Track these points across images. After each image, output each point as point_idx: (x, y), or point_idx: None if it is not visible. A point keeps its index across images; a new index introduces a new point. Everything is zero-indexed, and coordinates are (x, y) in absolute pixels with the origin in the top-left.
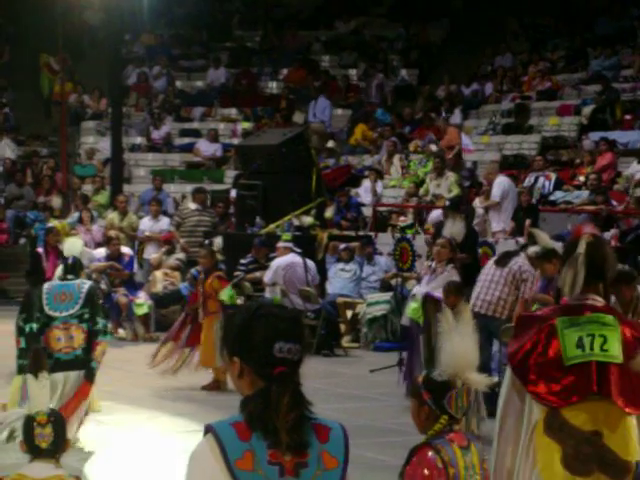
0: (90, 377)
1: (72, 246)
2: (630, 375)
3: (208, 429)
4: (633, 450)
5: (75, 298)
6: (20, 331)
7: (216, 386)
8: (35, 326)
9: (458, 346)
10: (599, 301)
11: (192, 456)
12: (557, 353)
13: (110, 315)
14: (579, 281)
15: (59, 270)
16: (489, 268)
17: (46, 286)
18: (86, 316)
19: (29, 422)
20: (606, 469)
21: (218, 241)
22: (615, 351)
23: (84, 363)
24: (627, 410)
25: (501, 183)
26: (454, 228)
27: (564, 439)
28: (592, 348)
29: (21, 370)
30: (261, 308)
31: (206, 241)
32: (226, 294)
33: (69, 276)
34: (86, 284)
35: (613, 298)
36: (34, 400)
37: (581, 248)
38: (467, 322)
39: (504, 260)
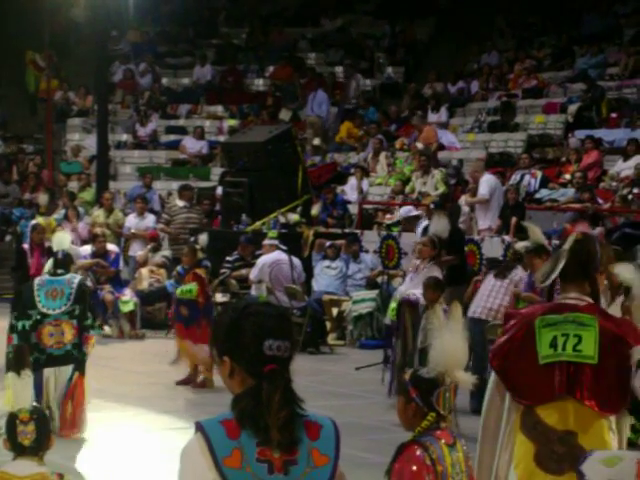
0: (82, 370)
1: (61, 240)
2: (606, 375)
3: (197, 427)
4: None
5: (66, 294)
6: (12, 328)
7: (189, 381)
8: (28, 323)
9: (448, 343)
10: (583, 300)
11: (182, 453)
12: (532, 352)
13: (96, 312)
14: (554, 273)
15: (49, 264)
16: (489, 280)
17: (37, 282)
18: (77, 312)
19: (12, 420)
20: None
21: (203, 237)
22: (589, 351)
23: (74, 357)
24: (601, 412)
25: (488, 181)
26: (438, 225)
27: (538, 437)
28: (564, 348)
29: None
30: (249, 306)
31: (191, 238)
32: (182, 288)
33: (59, 270)
34: (76, 279)
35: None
36: (17, 398)
37: (567, 244)
38: (457, 320)
39: (503, 272)
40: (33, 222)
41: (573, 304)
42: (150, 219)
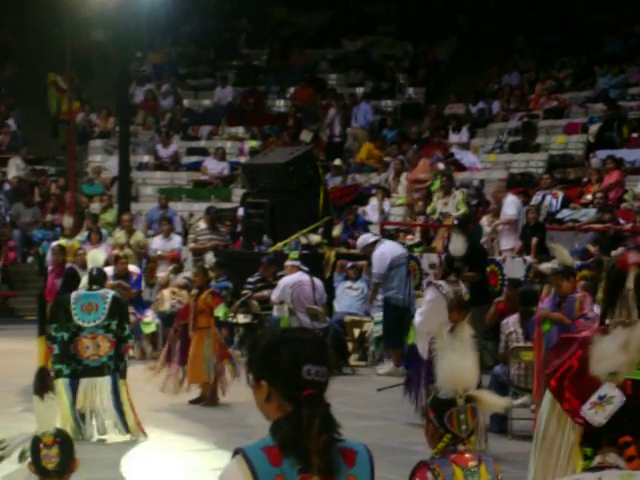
0: (124, 377)
1: (95, 258)
2: None
3: (239, 452)
4: None
5: (101, 309)
6: (52, 339)
7: (202, 399)
8: (66, 335)
9: (454, 364)
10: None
11: (222, 477)
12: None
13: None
14: (633, 316)
15: (84, 280)
16: None
17: (73, 295)
18: (112, 327)
19: (36, 443)
20: None
21: (210, 257)
22: None
23: (110, 369)
24: None
25: (514, 201)
26: (455, 245)
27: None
28: None
29: (58, 375)
30: (287, 332)
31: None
32: (222, 311)
33: (94, 286)
34: (109, 294)
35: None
36: (40, 421)
37: (630, 283)
38: (465, 340)
39: None
40: (53, 244)
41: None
42: (176, 240)
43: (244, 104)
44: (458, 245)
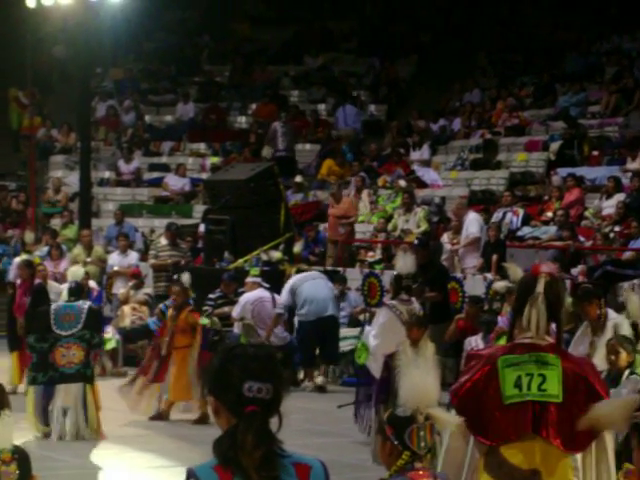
0: (92, 383)
1: (74, 273)
2: (571, 414)
3: (190, 474)
4: None
5: (77, 319)
6: (32, 348)
7: (205, 419)
8: (46, 345)
9: (417, 381)
10: (545, 340)
11: None
12: (496, 392)
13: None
14: (542, 320)
15: (64, 293)
16: None
17: (53, 307)
18: (86, 336)
19: None
20: None
21: (186, 277)
22: (554, 390)
23: (83, 376)
24: (566, 450)
25: (477, 219)
26: (404, 263)
27: (502, 477)
28: (529, 388)
29: (33, 382)
30: (236, 348)
31: (174, 276)
32: (205, 320)
33: (72, 298)
34: (86, 304)
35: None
36: None
37: (540, 287)
38: (428, 357)
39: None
40: (17, 259)
41: (535, 344)
42: (133, 256)
43: (206, 120)
44: (406, 263)
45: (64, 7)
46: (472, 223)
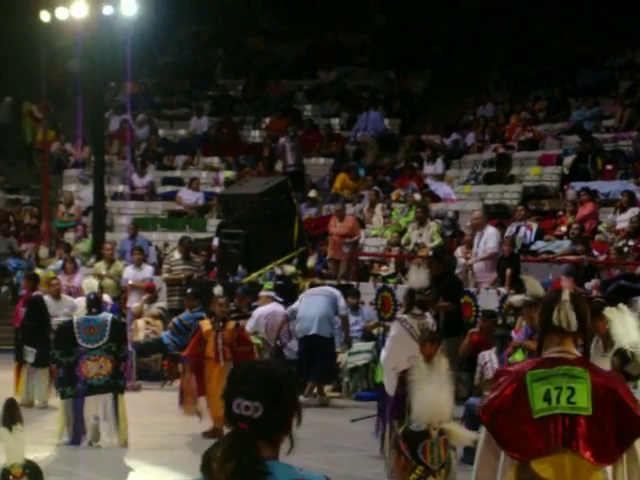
0: (122, 393)
1: (90, 285)
2: (601, 426)
3: None
4: None
5: (102, 331)
6: (58, 363)
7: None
8: (71, 359)
9: (431, 396)
10: (572, 354)
11: None
12: (525, 407)
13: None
14: (572, 317)
15: (83, 305)
16: None
17: (75, 320)
18: (113, 349)
19: (5, 475)
20: None
21: (219, 289)
22: (583, 403)
23: (113, 386)
24: (597, 463)
25: (495, 234)
26: (413, 278)
27: None
28: (558, 401)
29: (62, 396)
30: (242, 365)
31: (188, 290)
32: (258, 339)
33: (93, 309)
34: (109, 317)
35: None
36: (9, 453)
37: (565, 296)
38: (441, 373)
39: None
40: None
41: (563, 357)
42: (147, 270)
43: (219, 134)
44: (419, 277)
45: (78, 21)
46: (491, 238)
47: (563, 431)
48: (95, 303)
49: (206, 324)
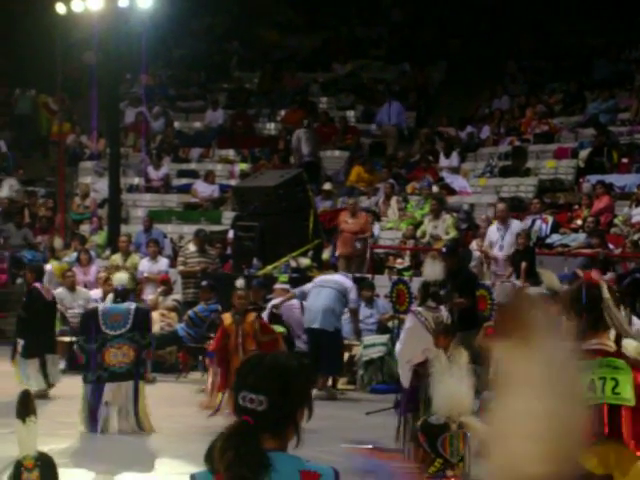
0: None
1: (120, 278)
2: None
3: (191, 479)
4: None
5: (125, 319)
6: (82, 349)
7: None
8: (95, 346)
9: (451, 389)
10: (611, 346)
11: None
12: None
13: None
14: (622, 319)
15: (110, 296)
16: None
17: (100, 308)
18: (136, 337)
19: (17, 467)
20: None
21: (241, 282)
22: (627, 394)
23: (134, 374)
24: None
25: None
26: (428, 270)
27: None
28: (603, 391)
29: (84, 380)
30: (252, 357)
31: (203, 282)
32: (282, 328)
33: (118, 299)
34: (132, 306)
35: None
36: (22, 444)
37: (606, 293)
38: (462, 366)
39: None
40: (49, 265)
41: (604, 349)
42: (163, 262)
43: (234, 127)
44: (434, 270)
45: (94, 14)
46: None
47: (608, 421)
48: (122, 294)
49: (227, 317)
